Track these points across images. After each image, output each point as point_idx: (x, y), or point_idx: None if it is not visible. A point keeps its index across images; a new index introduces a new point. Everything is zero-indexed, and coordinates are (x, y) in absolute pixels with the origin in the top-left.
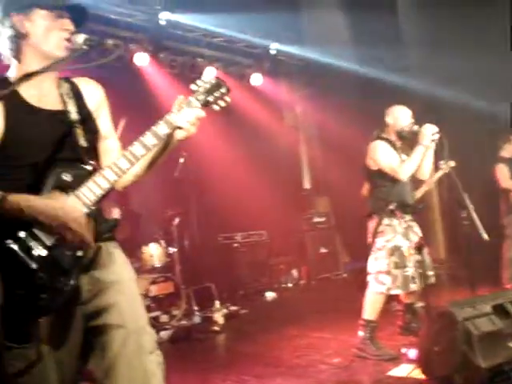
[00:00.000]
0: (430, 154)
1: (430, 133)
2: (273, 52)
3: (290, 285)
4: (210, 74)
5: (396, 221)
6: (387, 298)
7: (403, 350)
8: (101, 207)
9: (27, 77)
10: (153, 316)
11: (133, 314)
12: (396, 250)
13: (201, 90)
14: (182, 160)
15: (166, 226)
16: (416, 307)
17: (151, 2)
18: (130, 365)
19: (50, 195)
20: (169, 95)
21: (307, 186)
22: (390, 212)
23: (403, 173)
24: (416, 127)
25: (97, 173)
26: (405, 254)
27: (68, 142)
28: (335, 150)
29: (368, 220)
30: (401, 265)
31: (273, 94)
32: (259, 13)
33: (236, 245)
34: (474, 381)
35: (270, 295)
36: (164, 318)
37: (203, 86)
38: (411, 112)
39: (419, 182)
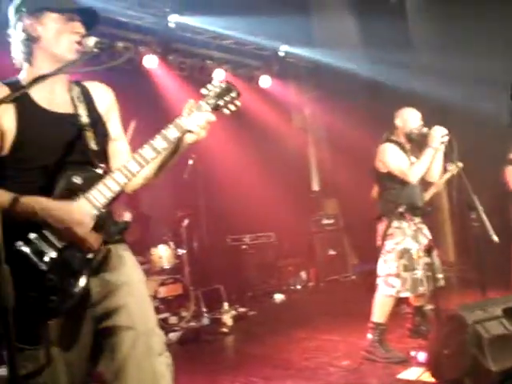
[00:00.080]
0: (440, 156)
1: (439, 135)
2: (281, 54)
3: (299, 287)
4: (220, 78)
5: (405, 223)
6: (396, 300)
7: (412, 353)
8: (111, 210)
9: (39, 80)
10: (161, 318)
11: (142, 315)
12: (405, 252)
13: (211, 94)
14: (190, 162)
15: (175, 228)
16: (425, 310)
17: (160, 4)
18: (139, 366)
19: (63, 201)
20: (178, 97)
21: (316, 187)
22: (400, 214)
23: (413, 175)
24: (425, 129)
25: (107, 176)
26: (414, 256)
27: (78, 144)
28: (344, 152)
29: (377, 222)
30: (410, 267)
31: (281, 96)
32: (268, 15)
33: (244, 246)
34: None
35: (279, 297)
36: (173, 320)
37: (213, 90)
38: (420, 114)
39: (428, 184)
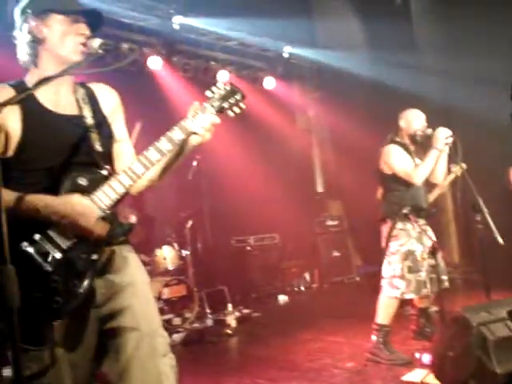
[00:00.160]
0: (444, 157)
1: (443, 136)
2: (286, 55)
3: (303, 288)
4: (224, 80)
5: (410, 225)
6: (400, 302)
7: (417, 355)
8: (116, 211)
9: (44, 81)
10: (165, 319)
11: (146, 316)
12: (410, 254)
13: (216, 96)
14: (195, 163)
15: (179, 229)
16: (430, 312)
17: (165, 6)
18: (143, 367)
19: (64, 195)
20: (182, 99)
21: (320, 189)
22: (404, 216)
23: (417, 177)
24: (430, 130)
25: (112, 177)
26: (418, 258)
27: (83, 146)
28: (348, 154)
29: (382, 224)
30: (414, 269)
31: (285, 98)
32: (272, 16)
33: (249, 248)
34: None
35: (283, 298)
36: (177, 321)
37: (218, 93)
38: (424, 115)
39: (432, 186)
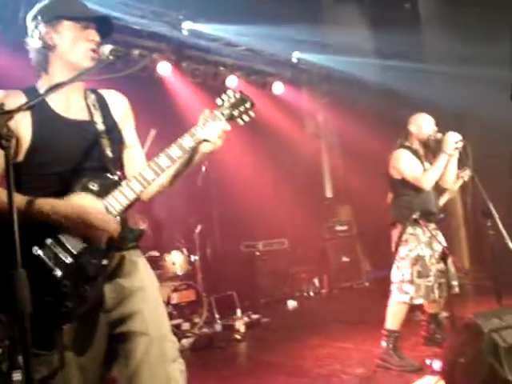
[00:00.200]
0: (454, 162)
1: (453, 141)
2: (294, 61)
3: (312, 294)
4: (234, 87)
5: (420, 230)
6: (410, 307)
7: (427, 362)
8: (126, 217)
9: (55, 87)
10: (174, 324)
11: (156, 321)
12: (419, 259)
13: (226, 104)
14: (203, 168)
15: (189, 234)
16: (440, 318)
17: (174, 12)
18: (153, 372)
19: (70, 195)
20: (191, 104)
21: (329, 194)
22: (414, 221)
23: (426, 182)
24: (439, 135)
25: (123, 183)
26: (428, 263)
27: (94, 151)
28: (357, 159)
29: (391, 229)
30: (424, 274)
31: (294, 103)
32: (281, 22)
33: (258, 253)
34: None
35: (292, 304)
36: (185, 326)
37: (228, 101)
38: (434, 120)
39: (442, 190)
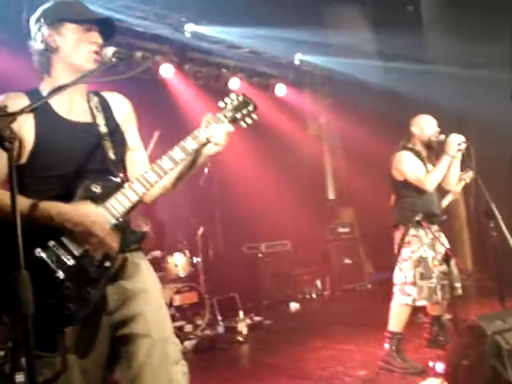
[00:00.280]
0: (457, 163)
1: (456, 142)
2: (297, 62)
3: (314, 296)
4: (236, 89)
5: (422, 231)
6: (413, 309)
7: (430, 364)
8: (129, 219)
9: (58, 89)
10: (177, 326)
11: (158, 323)
12: (422, 260)
13: (228, 107)
14: (206, 170)
15: (191, 236)
16: (443, 320)
17: (176, 14)
18: (155, 374)
19: (77, 203)
20: (194, 106)
21: (331, 196)
22: (417, 223)
23: (429, 183)
24: (442, 136)
25: (125, 185)
26: (430, 265)
27: (97, 153)
28: (359, 160)
29: (394, 230)
30: (426, 276)
31: (297, 105)
32: (283, 24)
33: (260, 255)
34: None
35: (294, 306)
36: (188, 328)
37: (231, 103)
38: (437, 121)
39: (445, 192)
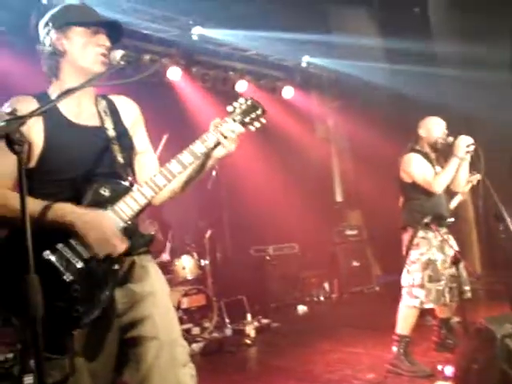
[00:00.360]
0: (465, 165)
1: (464, 144)
2: (304, 65)
3: (322, 298)
4: (244, 93)
5: (431, 233)
6: (421, 312)
7: (439, 367)
8: (137, 222)
9: (67, 93)
10: (184, 328)
11: (166, 326)
12: (430, 263)
13: (237, 111)
14: (214, 173)
15: (199, 239)
16: (452, 323)
17: (184, 17)
18: (163, 377)
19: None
20: (201, 108)
21: (339, 198)
22: (425, 225)
23: (437, 185)
24: (450, 138)
25: (134, 189)
26: (439, 267)
27: (105, 157)
28: (367, 163)
29: (402, 233)
30: (435, 278)
31: (304, 107)
32: (290, 27)
33: (268, 257)
34: None
35: (302, 309)
36: (196, 331)
37: (239, 107)
38: (445, 123)
39: (453, 194)
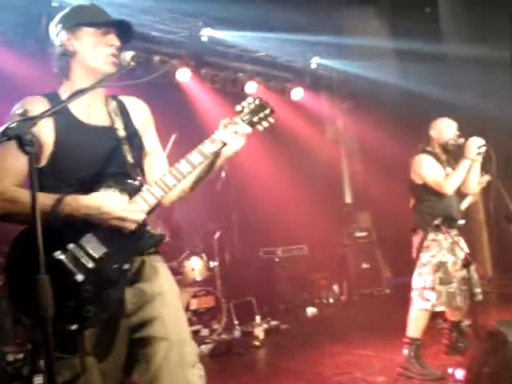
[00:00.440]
0: (477, 167)
1: (475, 145)
2: (313, 66)
3: (331, 300)
4: (253, 93)
5: (442, 236)
6: (432, 314)
7: (450, 371)
8: (147, 222)
9: (77, 93)
10: (193, 330)
11: (175, 326)
12: (441, 265)
13: (245, 110)
14: (223, 174)
15: (208, 240)
16: (463, 326)
17: (193, 19)
18: (172, 377)
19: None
20: (211, 110)
21: (348, 200)
22: (436, 227)
23: (448, 187)
24: (462, 140)
25: (144, 188)
26: (450, 269)
27: (116, 157)
28: (377, 164)
29: (412, 234)
30: (446, 281)
31: (314, 108)
32: (300, 28)
33: (277, 259)
34: None
35: (311, 311)
36: (204, 332)
37: (248, 107)
38: (456, 124)
39: (463, 195)
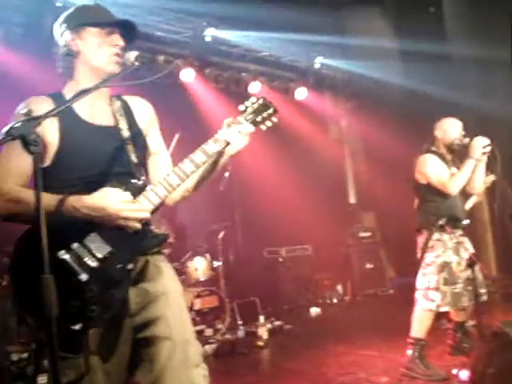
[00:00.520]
0: (482, 167)
1: (481, 145)
2: (317, 66)
3: (335, 300)
4: (257, 93)
5: (446, 236)
6: (436, 315)
7: (454, 371)
8: (150, 222)
9: (82, 93)
10: (197, 330)
11: (179, 326)
12: (446, 265)
13: (249, 110)
14: (226, 174)
15: (211, 240)
16: (467, 326)
17: (197, 19)
18: (176, 377)
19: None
20: (215, 109)
21: (352, 200)
22: (440, 227)
23: (453, 187)
24: (467, 140)
25: (147, 188)
26: (455, 270)
27: (120, 157)
28: (381, 164)
29: (417, 235)
30: (450, 281)
31: (317, 108)
32: (304, 27)
33: (281, 259)
34: None
35: (315, 311)
36: (208, 332)
37: (251, 107)
38: (461, 124)
39: (468, 195)
